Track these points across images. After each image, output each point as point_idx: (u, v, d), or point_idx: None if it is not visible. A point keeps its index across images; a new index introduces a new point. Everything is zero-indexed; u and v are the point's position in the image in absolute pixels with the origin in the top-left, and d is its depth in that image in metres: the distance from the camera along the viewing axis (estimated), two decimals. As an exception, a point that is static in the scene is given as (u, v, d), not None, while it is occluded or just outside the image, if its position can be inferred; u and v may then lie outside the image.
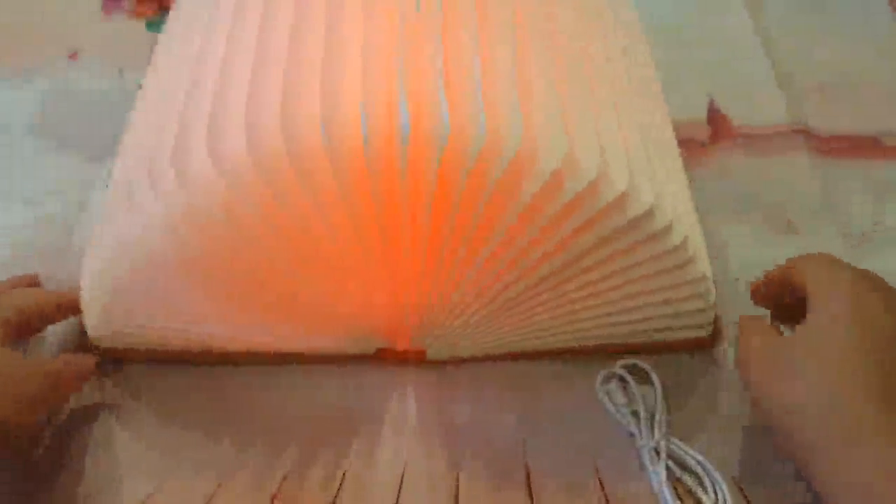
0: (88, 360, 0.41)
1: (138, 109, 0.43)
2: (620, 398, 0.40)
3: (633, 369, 0.41)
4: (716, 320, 0.43)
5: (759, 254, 0.48)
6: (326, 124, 0.34)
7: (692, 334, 0.42)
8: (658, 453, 0.38)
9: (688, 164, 0.45)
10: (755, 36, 0.61)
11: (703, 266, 0.39)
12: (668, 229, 0.36)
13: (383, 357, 0.43)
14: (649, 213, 0.35)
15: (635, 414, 0.40)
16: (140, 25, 0.61)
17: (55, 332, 0.43)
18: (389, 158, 0.34)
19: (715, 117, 0.56)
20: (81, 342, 0.42)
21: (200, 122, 0.36)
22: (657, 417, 0.39)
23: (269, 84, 0.36)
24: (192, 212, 0.35)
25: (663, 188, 0.37)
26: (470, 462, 0.40)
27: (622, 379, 0.41)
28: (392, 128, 0.33)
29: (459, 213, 0.35)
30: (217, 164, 0.34)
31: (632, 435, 0.39)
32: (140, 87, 0.55)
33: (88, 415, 0.41)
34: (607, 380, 0.41)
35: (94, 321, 0.40)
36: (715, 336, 0.43)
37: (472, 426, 0.41)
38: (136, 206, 0.36)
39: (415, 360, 0.43)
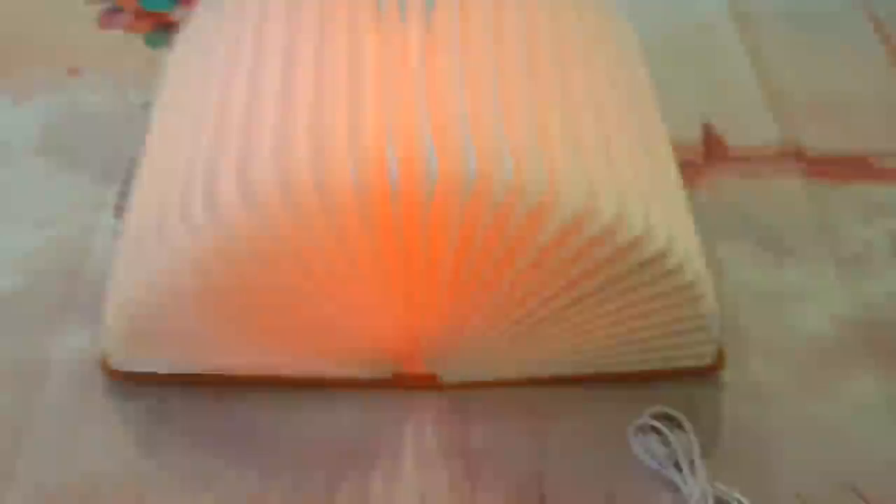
0: None
1: (157, 140, 0.44)
2: (660, 450, 0.41)
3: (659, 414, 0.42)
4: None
5: (754, 276, 0.50)
6: (355, 165, 0.35)
7: (697, 362, 0.43)
8: (706, 500, 0.40)
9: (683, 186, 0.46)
10: (746, 56, 0.63)
11: (711, 300, 0.40)
12: (679, 268, 0.37)
13: (399, 381, 0.44)
14: (663, 254, 0.37)
15: (676, 465, 0.41)
16: (138, 40, 0.61)
17: (63, 358, 0.44)
18: (415, 200, 0.35)
19: (709, 139, 0.58)
20: (104, 365, 0.43)
21: (229, 159, 0.37)
22: (695, 463, 0.40)
23: (296, 121, 0.37)
24: (220, 245, 0.36)
25: (674, 227, 0.38)
26: (485, 489, 0.41)
27: (653, 428, 0.42)
28: (419, 171, 0.35)
29: (481, 250, 0.37)
30: (246, 200, 0.36)
31: (673, 484, 0.40)
32: (145, 106, 0.56)
33: (108, 439, 0.42)
34: (641, 431, 0.42)
35: (115, 346, 0.41)
36: (717, 362, 0.44)
37: (487, 452, 0.42)
38: (165, 239, 0.37)
39: (428, 384, 0.44)
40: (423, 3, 0.41)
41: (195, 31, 0.47)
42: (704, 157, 0.56)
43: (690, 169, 0.55)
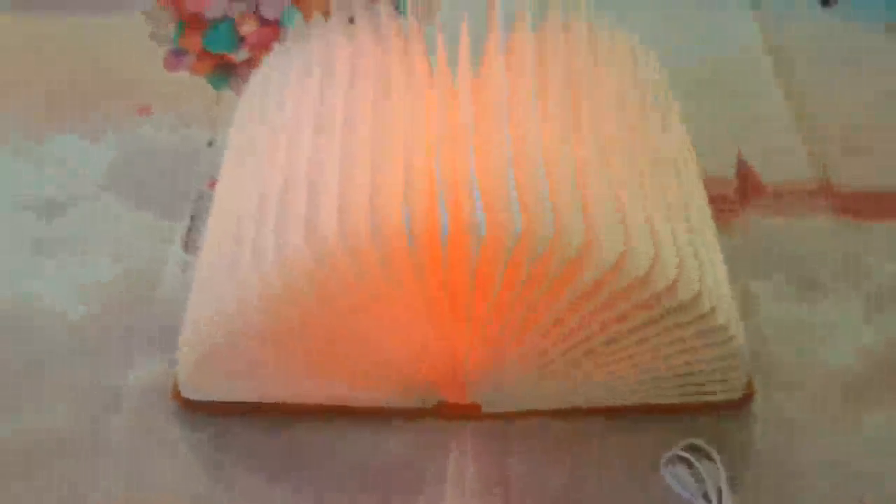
0: None
1: (230, 183, 0.47)
2: (690, 481, 0.44)
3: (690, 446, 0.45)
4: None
5: (784, 311, 0.52)
6: (408, 219, 0.38)
7: (727, 396, 0.46)
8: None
9: (716, 222, 0.47)
10: (780, 91, 0.64)
11: (741, 339, 0.43)
12: (711, 312, 0.40)
13: (443, 411, 0.47)
14: (695, 299, 0.39)
15: (705, 495, 0.43)
16: (202, 80, 0.65)
17: (132, 385, 0.47)
18: (463, 250, 0.38)
19: (743, 174, 0.59)
20: (174, 393, 0.46)
21: (298, 209, 0.40)
22: (724, 494, 0.43)
23: (357, 176, 0.40)
24: (286, 287, 0.40)
25: (706, 270, 0.41)
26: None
27: (684, 459, 0.44)
28: (467, 224, 0.38)
29: (521, 295, 0.40)
30: (311, 248, 0.39)
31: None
32: (209, 144, 0.59)
33: (174, 465, 0.45)
34: (672, 462, 0.44)
35: (187, 377, 0.45)
36: (747, 395, 0.47)
37: (525, 480, 0.45)
38: (236, 279, 0.41)
39: (470, 414, 0.47)
40: (470, 65, 0.45)
41: (265, 80, 0.51)
42: (738, 192, 0.58)
43: (724, 204, 0.57)
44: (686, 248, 0.41)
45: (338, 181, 0.40)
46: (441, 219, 0.38)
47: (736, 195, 0.58)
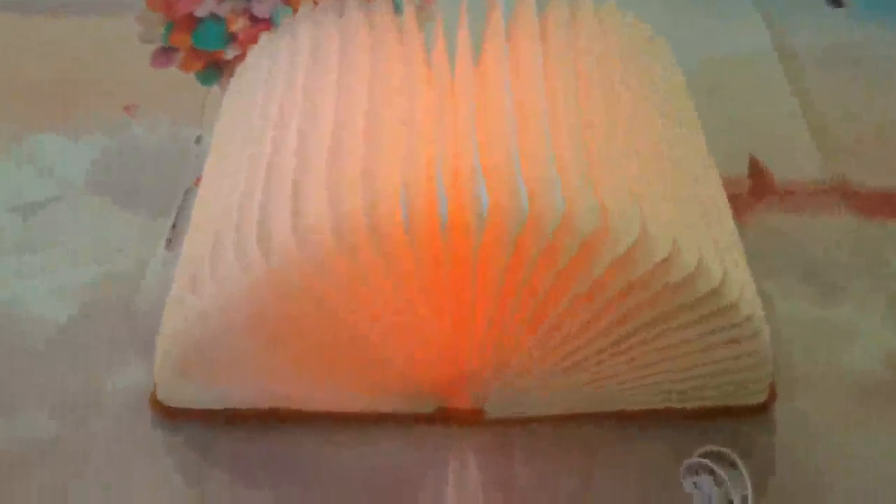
0: None
1: (212, 177, 0.45)
2: (714, 491, 0.40)
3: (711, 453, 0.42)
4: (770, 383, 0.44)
5: (802, 312, 0.49)
6: (406, 205, 0.35)
7: (749, 399, 0.43)
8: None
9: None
10: (790, 91, 0.63)
11: (766, 337, 0.40)
12: (736, 304, 0.37)
13: (442, 416, 0.44)
14: (718, 289, 0.36)
15: None
16: (191, 78, 0.63)
17: (114, 390, 0.45)
18: (465, 237, 0.36)
19: (755, 172, 0.57)
20: (152, 399, 0.44)
21: (283, 197, 0.37)
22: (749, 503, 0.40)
23: (349, 161, 0.37)
24: (272, 282, 0.37)
25: (728, 261, 0.38)
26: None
27: (705, 467, 0.41)
28: (469, 207, 0.35)
29: (529, 285, 0.37)
30: (298, 237, 0.36)
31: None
32: (197, 141, 0.57)
33: (156, 473, 0.42)
34: (693, 471, 0.41)
35: (165, 383, 0.42)
36: (769, 399, 0.44)
37: (532, 490, 0.42)
38: (217, 274, 0.38)
39: (473, 419, 0.44)
40: (471, 49, 0.42)
41: (251, 70, 0.48)
42: (751, 191, 0.56)
43: (736, 203, 0.54)
44: (706, 234, 0.38)
45: (326, 166, 0.37)
46: (439, 201, 0.35)
47: (749, 194, 0.56)
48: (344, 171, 0.38)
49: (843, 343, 0.48)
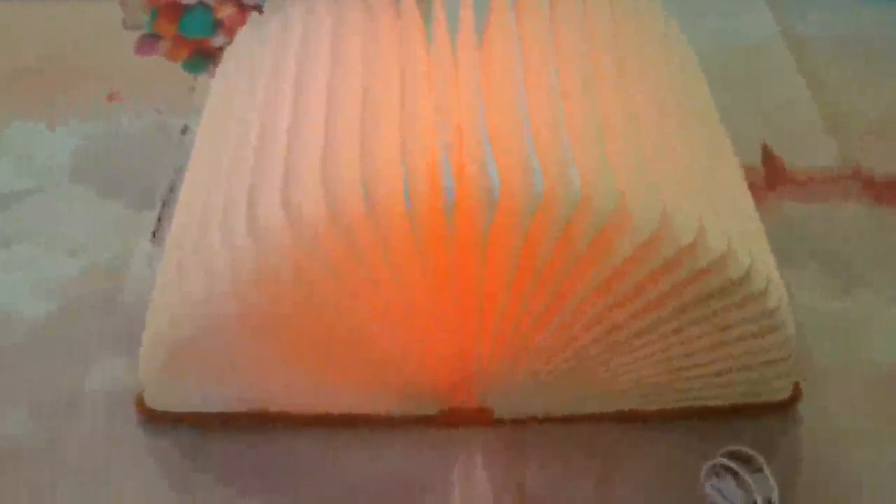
0: None
1: (199, 164, 0.42)
2: (738, 494, 0.38)
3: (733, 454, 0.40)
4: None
5: (822, 303, 0.47)
6: (408, 183, 0.33)
7: (773, 396, 0.41)
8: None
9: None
10: (801, 79, 0.61)
11: (791, 329, 0.38)
12: (762, 293, 0.35)
13: (448, 418, 0.41)
14: (745, 277, 0.34)
15: None
16: (177, 66, 0.60)
17: (96, 388, 0.42)
18: (472, 219, 0.33)
19: (769, 161, 0.56)
20: (138, 402, 0.41)
21: (273, 179, 0.35)
22: None
23: (344, 141, 0.35)
24: (262, 270, 0.34)
25: (754, 248, 0.36)
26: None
27: (727, 469, 0.39)
28: (477, 186, 0.32)
29: (543, 274, 0.34)
30: (290, 221, 0.33)
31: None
32: (183, 130, 0.55)
33: (141, 477, 0.40)
34: (714, 473, 0.39)
35: (151, 382, 0.39)
36: (794, 396, 0.41)
37: (544, 494, 0.39)
38: (204, 265, 0.35)
39: (481, 420, 0.41)
40: (474, 25, 0.40)
41: (238, 54, 0.45)
42: (765, 180, 0.54)
43: (751, 192, 0.53)
44: (731, 218, 0.36)
45: (321, 146, 0.35)
46: (445, 181, 0.32)
47: (763, 183, 0.54)
48: (339, 150, 0.35)
49: (865, 335, 0.46)
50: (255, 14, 0.47)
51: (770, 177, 0.55)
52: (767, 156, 0.56)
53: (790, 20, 0.66)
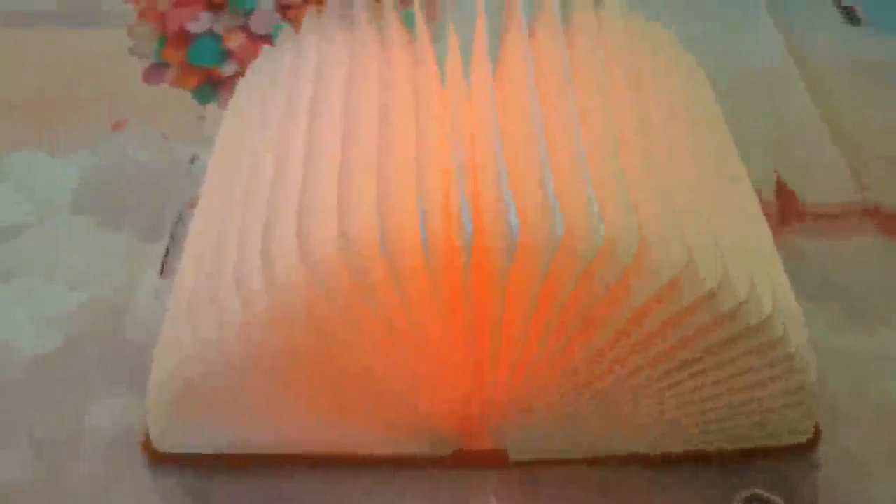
0: None
1: (210, 199, 0.41)
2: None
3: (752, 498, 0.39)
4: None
5: (840, 342, 0.46)
6: (424, 223, 0.32)
7: (793, 440, 0.40)
8: None
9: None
10: (815, 110, 0.60)
11: (813, 371, 0.37)
12: (784, 337, 0.34)
13: (461, 459, 0.40)
14: (767, 322, 0.33)
15: None
16: (186, 94, 0.60)
17: (98, 427, 0.41)
18: (491, 262, 0.32)
19: (783, 194, 0.55)
20: (144, 444, 0.40)
21: (288, 218, 0.34)
22: None
23: (360, 181, 0.34)
24: (275, 311, 0.33)
25: (777, 291, 0.35)
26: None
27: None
28: (496, 229, 0.32)
29: (561, 316, 0.34)
30: (304, 261, 0.33)
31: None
32: (192, 160, 0.54)
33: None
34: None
35: (159, 424, 0.38)
36: (814, 438, 0.41)
37: (561, 539, 0.38)
38: (217, 305, 0.35)
39: (494, 462, 0.40)
40: (489, 62, 0.39)
41: (251, 85, 0.45)
42: (779, 213, 0.53)
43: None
44: (752, 258, 0.35)
45: (336, 183, 0.34)
46: (463, 222, 0.32)
47: (777, 216, 0.53)
48: (354, 189, 0.34)
49: (886, 374, 0.45)
50: (267, 47, 0.47)
51: (784, 210, 0.54)
52: (781, 188, 0.55)
53: (801, 51, 0.66)
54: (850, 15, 0.70)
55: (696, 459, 0.40)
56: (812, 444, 0.40)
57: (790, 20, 0.69)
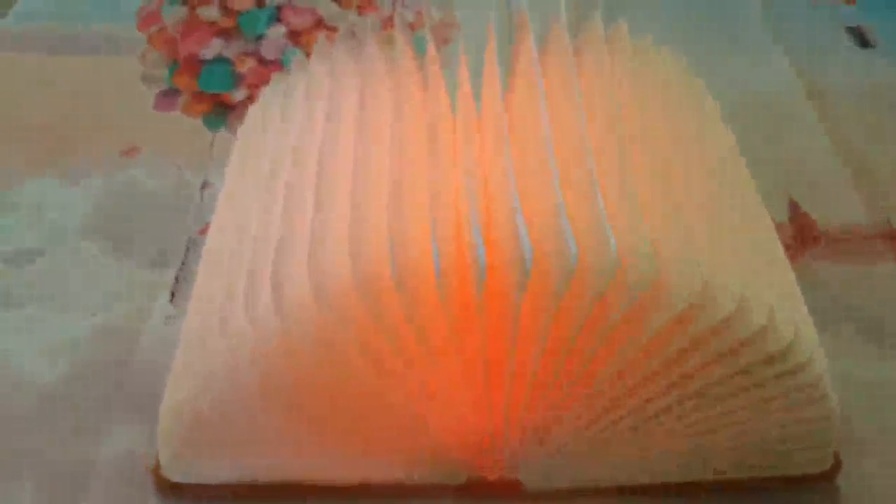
0: None
1: (222, 225, 0.41)
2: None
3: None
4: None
5: (859, 369, 0.45)
6: (438, 251, 0.32)
7: (812, 468, 0.39)
8: None
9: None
10: (825, 135, 0.60)
11: (834, 399, 0.36)
12: (805, 364, 0.33)
13: (474, 488, 0.39)
14: (788, 348, 0.33)
15: None
16: (196, 121, 0.60)
17: (109, 458, 0.41)
18: (504, 291, 0.32)
19: (797, 219, 0.54)
20: (156, 474, 0.39)
21: (300, 247, 0.34)
22: None
23: (372, 210, 0.34)
24: (286, 340, 0.33)
25: (796, 317, 0.34)
26: None
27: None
28: (510, 258, 0.31)
29: (576, 344, 0.33)
30: (317, 292, 0.33)
31: None
32: (203, 186, 0.54)
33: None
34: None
35: (170, 454, 0.38)
36: (834, 466, 0.40)
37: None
38: (228, 335, 0.34)
39: (508, 492, 0.39)
40: (500, 88, 0.39)
41: (264, 113, 0.45)
42: (794, 238, 0.53)
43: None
44: (771, 284, 0.34)
45: (348, 216, 0.34)
46: (477, 254, 0.31)
47: (792, 242, 0.53)
48: (366, 218, 0.34)
49: (905, 401, 0.44)
50: (277, 74, 0.47)
51: (799, 235, 0.53)
52: (795, 213, 0.55)
53: (811, 75, 0.66)
54: (860, 38, 0.70)
55: (714, 489, 0.39)
56: (832, 473, 0.40)
57: (800, 43, 0.69)
